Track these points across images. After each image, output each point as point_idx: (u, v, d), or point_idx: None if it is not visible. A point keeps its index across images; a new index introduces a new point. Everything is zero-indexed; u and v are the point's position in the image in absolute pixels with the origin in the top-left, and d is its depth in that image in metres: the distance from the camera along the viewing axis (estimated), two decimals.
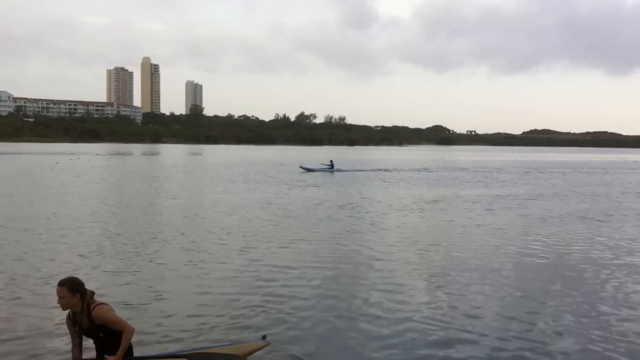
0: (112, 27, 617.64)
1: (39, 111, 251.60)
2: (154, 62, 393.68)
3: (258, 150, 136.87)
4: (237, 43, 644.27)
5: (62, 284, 5.74)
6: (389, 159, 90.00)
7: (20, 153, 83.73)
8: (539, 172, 57.92)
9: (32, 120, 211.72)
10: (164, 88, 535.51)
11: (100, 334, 5.85)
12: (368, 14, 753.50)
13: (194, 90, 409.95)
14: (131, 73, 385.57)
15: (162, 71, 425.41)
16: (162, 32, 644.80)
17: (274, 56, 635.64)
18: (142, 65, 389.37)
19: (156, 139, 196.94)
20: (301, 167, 53.54)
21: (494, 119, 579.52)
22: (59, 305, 5.79)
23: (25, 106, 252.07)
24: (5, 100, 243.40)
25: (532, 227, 19.64)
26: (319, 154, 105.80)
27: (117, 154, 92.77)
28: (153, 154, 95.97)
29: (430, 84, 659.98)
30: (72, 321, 5.93)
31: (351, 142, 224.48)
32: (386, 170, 56.13)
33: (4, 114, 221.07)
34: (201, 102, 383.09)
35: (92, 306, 5.79)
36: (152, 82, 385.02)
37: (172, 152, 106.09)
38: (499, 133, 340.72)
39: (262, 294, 10.59)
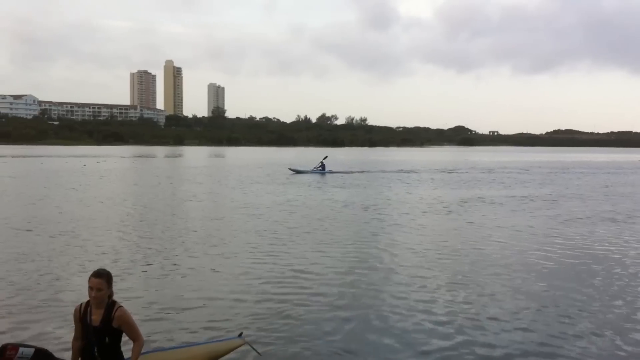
0: (135, 30, 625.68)
1: (64, 114, 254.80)
2: (176, 65, 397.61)
3: (279, 151, 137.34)
4: (258, 45, 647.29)
5: (99, 275, 5.43)
6: (407, 160, 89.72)
7: (46, 156, 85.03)
8: (563, 172, 57.47)
9: (56, 123, 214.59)
10: (187, 90, 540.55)
11: (107, 338, 5.46)
12: (389, 14, 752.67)
13: (216, 93, 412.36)
14: (154, 76, 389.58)
15: (185, 74, 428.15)
16: (184, 35, 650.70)
17: (294, 58, 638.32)
18: (165, 68, 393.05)
19: (179, 141, 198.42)
20: (290, 169, 51.66)
21: (517, 119, 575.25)
22: (92, 297, 5.41)
23: (50, 109, 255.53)
24: (30, 104, 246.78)
25: (557, 228, 19.61)
26: (341, 155, 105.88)
27: (141, 156, 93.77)
28: (176, 156, 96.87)
29: (452, 84, 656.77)
30: (80, 315, 5.54)
31: (372, 144, 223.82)
32: (384, 171, 55.70)
33: (29, 117, 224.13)
34: (223, 104, 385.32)
35: (117, 305, 5.50)
36: (174, 85, 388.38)
37: (195, 155, 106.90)
38: (522, 133, 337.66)
39: (285, 297, 10.73)
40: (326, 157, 53.73)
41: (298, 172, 49.54)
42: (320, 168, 50.29)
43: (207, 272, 12.62)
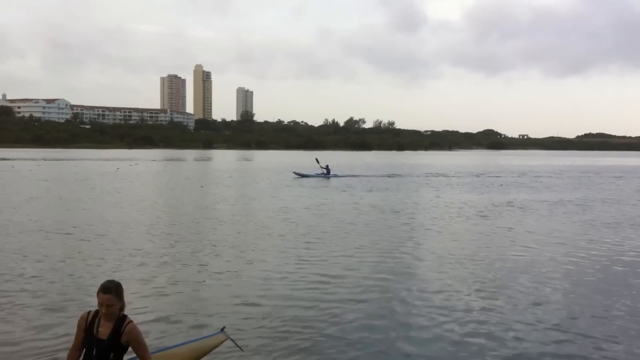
0: (165, 34, 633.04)
1: (95, 118, 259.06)
2: (206, 69, 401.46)
3: (307, 155, 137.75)
4: (286, 49, 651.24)
5: (108, 289, 5.12)
6: (435, 163, 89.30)
7: (79, 159, 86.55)
8: (595, 176, 56.66)
9: (88, 127, 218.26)
10: (216, 94, 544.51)
11: (112, 353, 5.18)
12: (417, 17, 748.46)
13: (245, 97, 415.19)
14: (184, 80, 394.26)
15: (214, 78, 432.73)
16: (213, 40, 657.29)
17: (322, 61, 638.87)
18: (195, 72, 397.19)
19: (208, 144, 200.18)
20: (294, 172, 51.32)
21: (547, 122, 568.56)
22: (103, 314, 5.15)
23: (82, 113, 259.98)
24: (63, 108, 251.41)
25: (590, 233, 19.42)
26: (369, 158, 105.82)
27: (171, 159, 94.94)
28: (205, 160, 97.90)
29: (481, 87, 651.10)
30: (86, 325, 5.25)
31: (400, 147, 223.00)
32: (399, 175, 55.70)
33: (61, 121, 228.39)
34: (252, 108, 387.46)
35: (127, 319, 5.25)
36: (204, 89, 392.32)
37: (224, 158, 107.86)
38: (552, 137, 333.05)
39: (313, 302, 10.84)
40: (327, 166, 52.31)
41: (302, 176, 49.48)
42: (325, 172, 50.22)
43: (235, 275, 12.79)
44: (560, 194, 35.28)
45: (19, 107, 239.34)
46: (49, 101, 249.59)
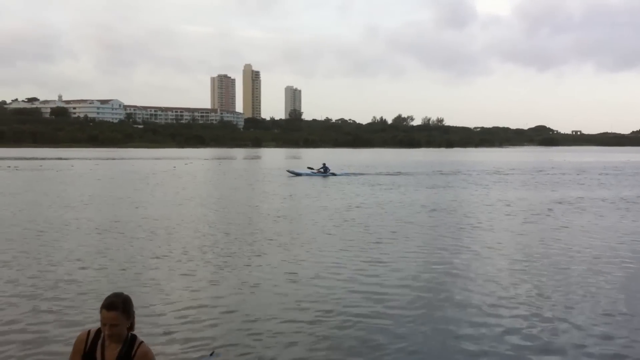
0: (213, 35, 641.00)
1: (147, 118, 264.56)
2: (254, 68, 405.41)
3: (355, 153, 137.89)
4: (333, 47, 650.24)
5: (113, 306, 4.19)
6: (485, 160, 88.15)
7: (134, 158, 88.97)
8: None
9: (141, 127, 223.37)
10: (265, 93, 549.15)
11: None
12: (466, 12, 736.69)
13: (293, 95, 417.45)
14: (233, 80, 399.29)
15: (263, 77, 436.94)
16: (261, 39, 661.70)
17: (369, 59, 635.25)
18: (244, 71, 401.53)
19: (257, 143, 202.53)
20: (288, 171, 51.68)
21: (601, 118, 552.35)
22: (107, 335, 4.25)
23: (134, 113, 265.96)
24: (116, 108, 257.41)
25: None
26: (418, 156, 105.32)
27: (222, 158, 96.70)
28: (255, 158, 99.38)
29: (532, 82, 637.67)
30: (86, 349, 4.32)
31: (449, 144, 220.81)
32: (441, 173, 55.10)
33: (115, 121, 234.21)
34: (300, 106, 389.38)
35: (138, 341, 4.32)
36: (253, 88, 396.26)
37: (273, 156, 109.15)
38: (607, 133, 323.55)
39: (359, 308, 10.83)
40: (324, 164, 52.13)
41: (296, 174, 49.84)
42: (322, 170, 50.28)
43: (282, 275, 13.04)
44: (624, 191, 34.64)
45: (74, 108, 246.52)
46: (103, 102, 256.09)
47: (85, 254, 14.98)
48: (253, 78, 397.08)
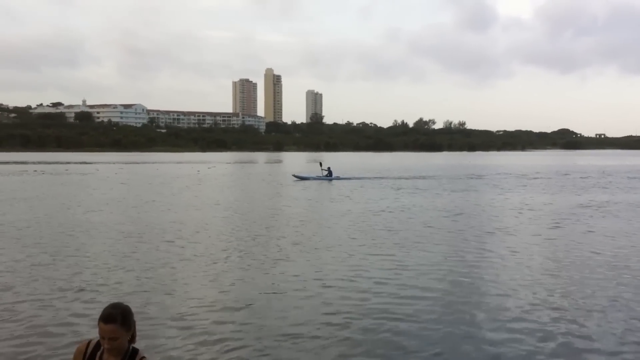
0: (235, 39, 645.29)
1: (170, 122, 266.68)
2: (276, 72, 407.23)
3: (376, 157, 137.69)
4: (354, 50, 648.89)
5: (111, 319, 3.91)
6: (508, 163, 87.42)
7: (158, 162, 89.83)
8: None
9: (164, 131, 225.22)
10: (286, 97, 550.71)
11: None
12: (487, 15, 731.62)
13: (314, 99, 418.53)
14: (255, 84, 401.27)
15: (284, 81, 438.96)
16: (282, 44, 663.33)
17: (390, 62, 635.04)
18: (265, 76, 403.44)
19: (278, 147, 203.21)
20: (294, 175, 51.48)
21: (625, 121, 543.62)
22: (106, 349, 3.97)
23: (157, 117, 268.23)
24: (139, 113, 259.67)
25: None
26: (439, 160, 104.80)
27: (244, 162, 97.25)
28: (276, 162, 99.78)
29: (555, 85, 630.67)
30: (84, 358, 4.08)
31: (471, 148, 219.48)
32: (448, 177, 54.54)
33: (138, 125, 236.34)
34: (321, 110, 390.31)
35: (139, 355, 4.09)
36: (274, 92, 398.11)
37: (294, 160, 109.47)
38: (631, 136, 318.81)
39: (381, 315, 10.67)
40: (329, 168, 51.71)
41: (302, 178, 49.74)
42: (327, 174, 50.06)
43: (310, 279, 13.05)
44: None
45: (98, 112, 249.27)
46: (126, 106, 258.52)
47: (111, 256, 15.19)
48: (274, 82, 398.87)
